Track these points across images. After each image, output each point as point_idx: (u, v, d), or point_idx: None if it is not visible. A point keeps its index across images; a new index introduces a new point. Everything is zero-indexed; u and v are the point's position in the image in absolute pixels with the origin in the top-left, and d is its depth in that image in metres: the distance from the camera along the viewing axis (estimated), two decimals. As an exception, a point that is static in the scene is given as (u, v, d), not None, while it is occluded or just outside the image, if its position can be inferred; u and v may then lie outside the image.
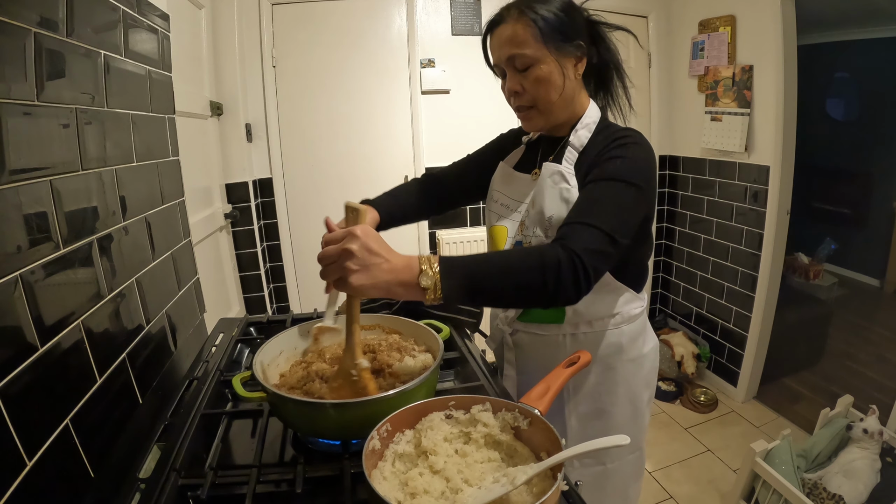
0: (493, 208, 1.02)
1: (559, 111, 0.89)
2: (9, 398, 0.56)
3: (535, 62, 0.84)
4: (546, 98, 0.86)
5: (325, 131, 2.39)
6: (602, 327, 0.94)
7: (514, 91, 0.88)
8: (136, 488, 0.69)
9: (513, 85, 0.87)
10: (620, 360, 0.96)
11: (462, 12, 2.41)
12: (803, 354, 2.84)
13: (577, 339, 0.95)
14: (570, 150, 0.89)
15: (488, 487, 0.55)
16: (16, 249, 0.61)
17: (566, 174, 0.87)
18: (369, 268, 0.64)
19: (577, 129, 0.90)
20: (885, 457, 1.69)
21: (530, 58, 0.83)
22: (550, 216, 0.86)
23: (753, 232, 2.42)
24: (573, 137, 0.90)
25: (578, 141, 0.89)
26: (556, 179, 0.87)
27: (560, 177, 0.87)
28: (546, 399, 0.67)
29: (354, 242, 0.64)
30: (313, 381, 0.79)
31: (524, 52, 0.83)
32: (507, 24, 0.85)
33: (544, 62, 0.84)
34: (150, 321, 0.99)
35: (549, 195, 0.87)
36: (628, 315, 0.95)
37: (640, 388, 1.01)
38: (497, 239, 0.98)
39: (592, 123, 0.90)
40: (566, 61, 0.86)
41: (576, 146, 0.89)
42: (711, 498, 1.98)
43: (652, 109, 2.85)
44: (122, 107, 0.93)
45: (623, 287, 0.92)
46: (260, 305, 2.33)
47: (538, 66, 0.84)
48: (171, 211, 1.16)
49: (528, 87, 0.86)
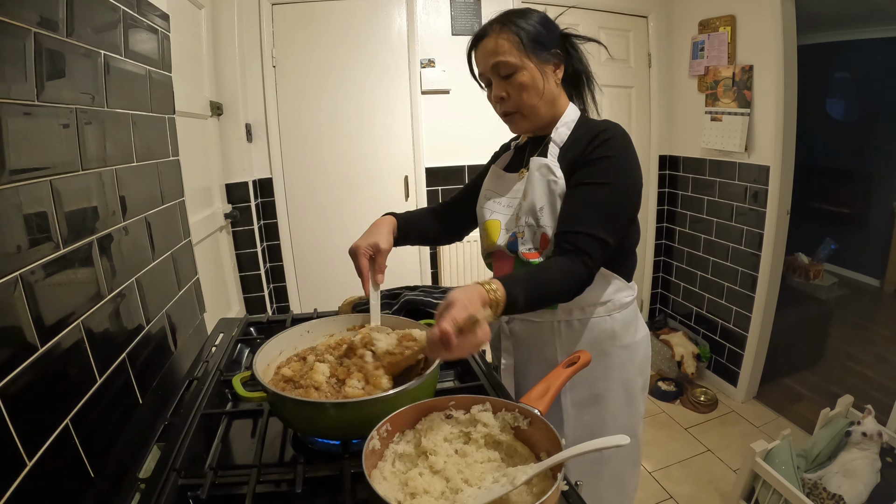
0: (486, 205, 1.07)
1: (542, 113, 0.97)
2: (9, 398, 0.56)
3: (517, 69, 0.92)
4: (529, 102, 0.94)
5: (325, 131, 2.40)
6: (594, 314, 0.99)
7: (500, 97, 0.96)
8: (136, 488, 0.70)
9: (498, 91, 0.95)
10: (614, 345, 1.00)
11: (462, 12, 2.42)
12: (803, 354, 2.84)
13: (571, 326, 0.99)
14: (553, 145, 0.97)
15: (488, 487, 0.55)
16: (16, 249, 0.61)
17: (552, 166, 0.94)
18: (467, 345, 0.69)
19: (558, 126, 0.98)
20: (885, 457, 1.69)
21: (513, 65, 0.91)
22: (542, 206, 0.93)
23: (753, 232, 2.42)
24: (554, 134, 0.97)
25: (559, 137, 0.97)
26: (544, 172, 0.94)
27: (547, 169, 0.94)
28: (546, 399, 0.67)
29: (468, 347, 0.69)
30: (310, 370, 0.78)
31: (508, 59, 0.91)
32: (491, 37, 0.93)
33: (526, 69, 0.92)
34: (150, 321, 0.99)
35: (538, 187, 0.94)
36: (619, 303, 1.00)
37: (634, 374, 1.04)
38: (491, 232, 1.03)
39: (572, 122, 0.98)
40: (545, 67, 0.94)
41: (557, 142, 0.97)
42: (711, 498, 1.97)
43: (652, 109, 2.85)
44: (122, 107, 0.93)
45: (612, 275, 0.98)
46: (260, 305, 2.33)
47: (521, 73, 0.92)
48: (171, 211, 1.16)
49: (513, 92, 0.94)
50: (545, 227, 0.92)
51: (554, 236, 0.91)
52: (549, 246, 0.93)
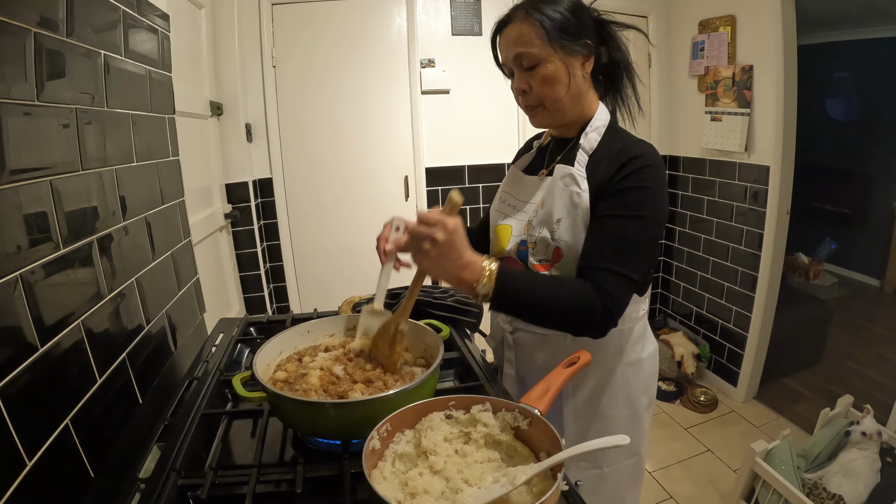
0: (499, 208, 1.03)
1: (567, 109, 0.90)
2: (9, 398, 0.56)
3: (541, 61, 0.85)
4: (553, 96, 0.87)
5: (325, 131, 2.40)
6: None
7: (522, 90, 0.90)
8: (136, 488, 0.69)
9: (520, 84, 0.89)
10: (619, 362, 0.96)
11: (462, 12, 2.42)
12: (803, 354, 2.84)
13: (577, 340, 0.94)
14: (581, 152, 0.89)
15: (488, 487, 0.55)
16: (16, 249, 0.61)
17: (577, 176, 0.87)
18: (443, 258, 0.73)
19: (587, 131, 0.90)
20: (885, 457, 1.69)
21: (536, 57, 0.85)
22: (559, 219, 0.87)
23: (753, 232, 2.42)
24: (583, 140, 0.90)
25: (589, 144, 0.90)
26: (567, 182, 0.87)
27: (571, 179, 0.87)
28: (546, 399, 0.67)
29: (442, 233, 0.72)
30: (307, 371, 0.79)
31: (530, 50, 0.85)
32: (515, 25, 0.86)
33: (550, 61, 0.85)
34: (150, 321, 0.99)
35: (559, 198, 0.88)
36: (628, 318, 0.95)
37: (638, 392, 1.00)
38: (501, 237, 0.99)
39: (602, 126, 0.91)
40: (572, 60, 0.86)
41: (586, 149, 0.89)
42: (711, 498, 1.98)
43: (652, 109, 2.85)
44: (122, 107, 0.93)
45: None
46: (260, 305, 2.33)
47: (544, 65, 0.85)
48: (171, 211, 1.16)
49: (535, 85, 0.87)
50: (559, 241, 0.86)
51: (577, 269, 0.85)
52: (561, 260, 0.88)
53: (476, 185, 2.57)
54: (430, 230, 0.72)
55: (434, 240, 0.72)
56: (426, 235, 0.72)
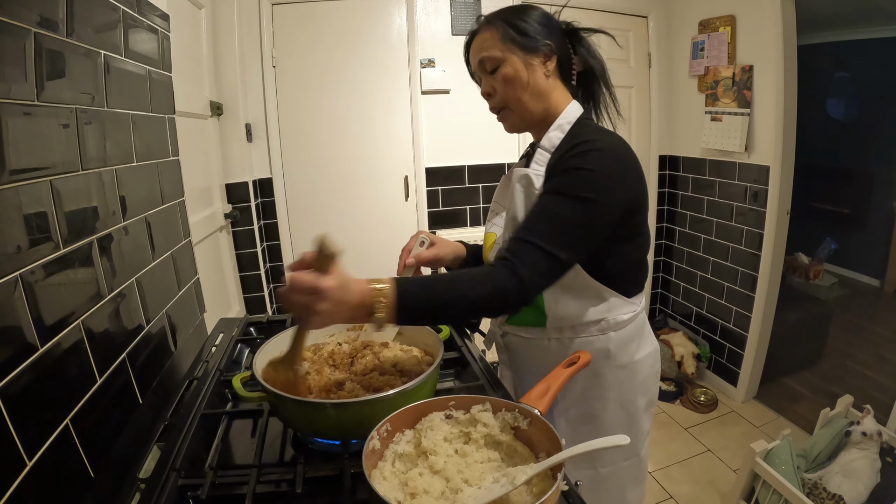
0: (489, 216, 1.05)
1: (531, 109, 0.90)
2: (9, 398, 0.56)
3: (500, 62, 0.88)
4: (514, 96, 0.89)
5: (325, 131, 2.40)
6: (586, 333, 0.92)
7: (487, 93, 0.93)
8: (136, 488, 0.69)
9: (486, 87, 0.92)
10: (609, 366, 0.94)
11: (462, 12, 2.41)
12: (803, 354, 2.84)
13: (562, 344, 0.93)
14: (541, 151, 0.89)
15: (488, 487, 0.55)
16: (16, 249, 0.61)
17: (533, 176, 0.86)
18: (331, 318, 0.65)
19: (550, 130, 0.90)
20: (885, 457, 1.69)
21: (496, 59, 0.88)
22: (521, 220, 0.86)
23: (753, 232, 2.42)
24: (544, 139, 0.90)
25: (549, 142, 0.89)
26: (525, 183, 0.87)
27: (527, 180, 0.87)
28: (546, 399, 0.67)
29: (322, 303, 0.62)
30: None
31: (491, 53, 0.88)
32: (479, 34, 0.91)
33: (509, 62, 0.88)
34: (150, 321, 0.99)
35: (518, 199, 0.88)
36: (615, 321, 0.92)
37: (635, 394, 0.98)
38: (487, 245, 1.00)
39: (567, 124, 0.90)
40: (532, 59, 0.88)
41: (546, 147, 0.89)
42: (711, 498, 1.98)
43: (652, 109, 2.85)
44: (122, 107, 0.93)
45: (609, 292, 0.90)
46: (260, 305, 2.33)
47: (504, 66, 0.88)
48: (171, 211, 1.16)
49: (498, 87, 0.90)
50: None
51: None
52: None
53: (476, 185, 2.57)
54: (307, 301, 0.62)
55: (315, 311, 0.63)
56: (303, 307, 0.63)
